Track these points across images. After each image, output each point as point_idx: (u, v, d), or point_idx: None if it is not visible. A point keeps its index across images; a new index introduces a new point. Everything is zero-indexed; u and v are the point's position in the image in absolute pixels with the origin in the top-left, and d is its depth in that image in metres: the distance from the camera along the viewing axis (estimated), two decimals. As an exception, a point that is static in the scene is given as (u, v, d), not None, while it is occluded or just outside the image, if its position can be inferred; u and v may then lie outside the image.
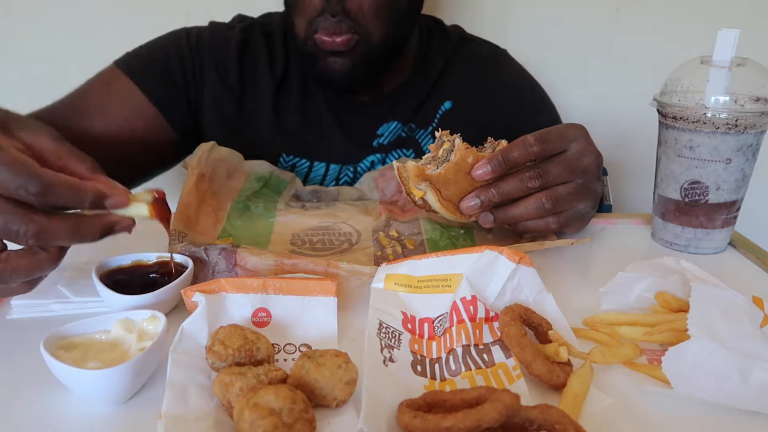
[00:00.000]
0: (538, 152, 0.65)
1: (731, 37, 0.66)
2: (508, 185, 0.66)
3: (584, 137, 0.68)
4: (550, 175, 0.66)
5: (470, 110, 1.01)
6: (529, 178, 0.66)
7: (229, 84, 0.98)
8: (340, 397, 0.43)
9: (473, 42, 1.07)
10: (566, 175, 0.67)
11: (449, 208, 0.69)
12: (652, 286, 0.57)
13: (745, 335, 0.46)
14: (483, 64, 1.04)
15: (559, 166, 0.66)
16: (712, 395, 0.44)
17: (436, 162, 0.68)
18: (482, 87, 1.02)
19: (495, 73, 1.04)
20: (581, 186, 0.68)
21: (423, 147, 0.99)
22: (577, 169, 0.67)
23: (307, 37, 0.88)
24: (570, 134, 0.68)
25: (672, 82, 0.72)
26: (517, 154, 0.65)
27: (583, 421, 0.42)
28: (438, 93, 1.01)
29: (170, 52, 0.98)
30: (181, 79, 0.97)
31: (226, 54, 0.98)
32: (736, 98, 0.68)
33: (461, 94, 1.01)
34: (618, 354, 0.49)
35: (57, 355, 0.44)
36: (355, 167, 0.99)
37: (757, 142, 0.69)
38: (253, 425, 0.37)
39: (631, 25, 1.26)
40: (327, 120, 0.99)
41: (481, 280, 0.56)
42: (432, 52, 1.02)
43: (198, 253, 0.62)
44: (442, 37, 1.04)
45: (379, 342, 0.50)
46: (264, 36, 1.00)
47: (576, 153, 0.67)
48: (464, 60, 1.04)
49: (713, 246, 0.74)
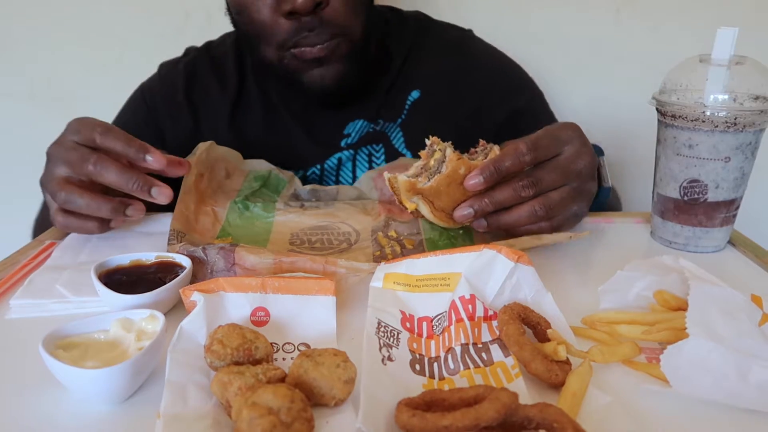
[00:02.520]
0: (530, 161, 0.65)
1: (730, 36, 0.66)
2: (502, 194, 0.66)
3: (578, 139, 0.67)
4: (543, 182, 0.66)
5: (440, 97, 0.99)
6: (522, 188, 0.65)
7: (182, 120, 1.00)
8: (339, 396, 0.43)
9: (436, 27, 1.05)
10: (560, 180, 0.66)
11: (442, 218, 0.70)
12: (651, 284, 0.57)
13: (744, 333, 0.46)
14: (449, 48, 1.02)
15: (552, 173, 0.66)
16: (710, 394, 0.44)
17: (427, 173, 0.67)
18: (451, 72, 1.01)
19: (463, 57, 1.02)
20: (575, 189, 0.68)
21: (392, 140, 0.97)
22: (571, 173, 0.67)
23: (282, 57, 0.87)
24: (563, 137, 0.67)
25: (671, 81, 0.72)
26: (510, 163, 0.64)
27: (582, 419, 0.42)
28: (403, 83, 0.99)
29: (139, 121, 1.01)
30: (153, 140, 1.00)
31: (175, 94, 1.01)
32: (735, 96, 0.68)
33: (429, 81, 1.00)
34: (617, 353, 0.49)
35: (56, 354, 0.45)
36: (322, 165, 0.99)
37: (756, 140, 0.69)
38: (251, 424, 0.37)
39: (631, 25, 1.26)
40: (292, 128, 0.99)
41: (480, 278, 0.56)
42: (391, 43, 1.00)
43: (196, 253, 0.62)
44: (400, 26, 1.03)
45: (378, 341, 0.50)
46: (211, 61, 1.03)
47: (570, 156, 0.66)
48: (429, 46, 1.01)
49: (712, 244, 0.74)
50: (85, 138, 0.68)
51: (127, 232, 0.77)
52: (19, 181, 1.18)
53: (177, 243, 0.64)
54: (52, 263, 0.68)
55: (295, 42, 0.84)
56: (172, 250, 0.63)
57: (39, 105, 1.36)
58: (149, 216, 0.80)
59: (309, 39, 0.83)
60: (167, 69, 1.05)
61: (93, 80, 1.34)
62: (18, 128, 1.38)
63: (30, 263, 0.70)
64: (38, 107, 1.36)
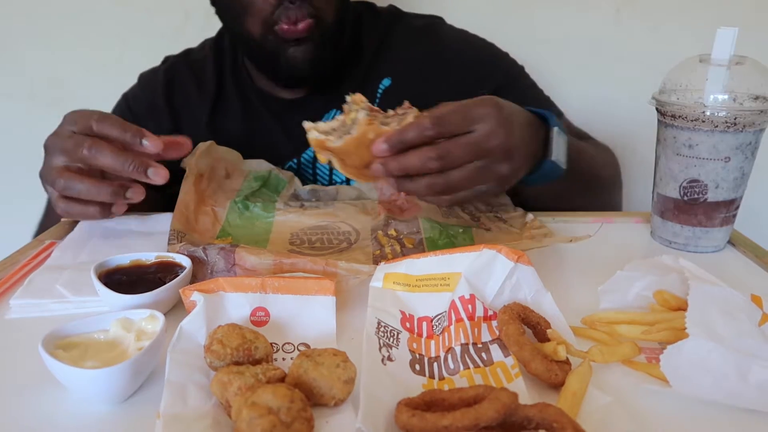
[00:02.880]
0: (434, 135, 0.62)
1: (730, 36, 0.66)
2: (409, 161, 0.63)
3: (493, 117, 0.64)
4: (451, 157, 0.63)
5: (411, 84, 1.00)
6: (428, 159, 0.62)
7: (163, 125, 1.01)
8: (339, 396, 0.43)
9: (408, 16, 1.07)
10: (468, 157, 0.63)
11: (353, 173, 0.68)
12: (651, 284, 0.57)
13: (744, 333, 0.46)
14: (419, 34, 1.03)
15: (461, 149, 0.63)
16: (710, 394, 0.44)
17: (341, 131, 0.66)
18: (421, 58, 1.01)
19: (432, 42, 1.03)
20: (481, 168, 0.64)
21: None
22: (480, 151, 0.63)
23: (266, 32, 0.89)
24: (476, 114, 0.64)
25: (671, 81, 0.72)
26: (413, 135, 0.62)
27: (582, 419, 0.42)
28: (375, 72, 1.01)
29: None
30: None
31: (155, 99, 1.04)
32: (735, 96, 0.68)
33: (399, 68, 1.01)
34: (616, 353, 0.49)
35: (55, 354, 0.45)
36: (298, 159, 1.01)
37: (756, 140, 0.69)
38: (251, 424, 0.37)
39: (631, 25, 1.26)
40: (271, 126, 1.01)
41: (480, 278, 0.56)
42: (363, 35, 1.03)
43: (197, 253, 0.62)
44: (372, 19, 1.05)
45: (378, 341, 0.50)
46: (189, 66, 1.06)
47: (482, 135, 0.63)
48: (398, 35, 1.03)
49: (712, 244, 0.74)
50: (81, 126, 0.70)
51: (127, 232, 0.77)
52: (19, 181, 1.18)
53: (177, 243, 0.64)
54: (52, 263, 0.68)
55: (279, 15, 0.87)
56: (173, 250, 0.63)
57: (39, 105, 1.36)
58: (149, 216, 0.80)
59: (291, 13, 0.86)
60: (147, 77, 1.08)
61: (93, 80, 1.34)
62: (18, 128, 1.38)
63: (30, 263, 0.70)
64: (38, 107, 1.36)
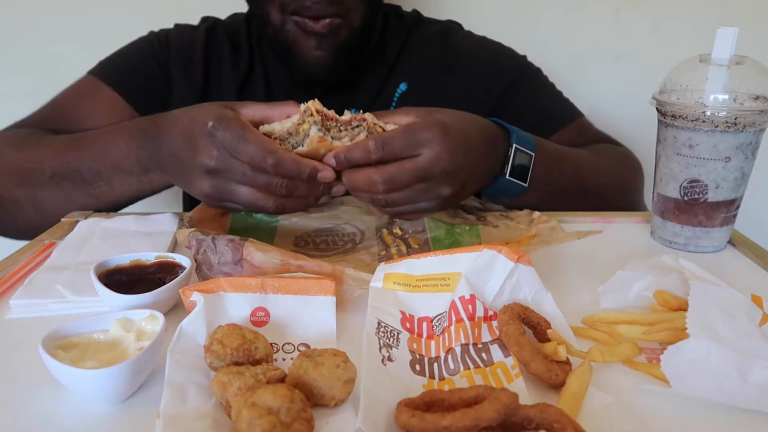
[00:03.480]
0: (378, 159, 0.65)
1: (730, 36, 0.66)
2: (356, 181, 0.66)
3: (438, 142, 0.65)
4: (394, 183, 0.65)
5: (428, 88, 1.00)
6: (374, 182, 0.65)
7: (193, 81, 1.00)
8: (339, 397, 0.43)
9: (427, 22, 1.07)
10: (412, 182, 0.66)
11: None
12: (651, 284, 0.57)
13: (744, 333, 0.46)
14: (433, 40, 1.04)
15: (405, 175, 0.65)
16: (711, 394, 0.44)
17: (291, 140, 0.66)
18: (435, 62, 1.02)
19: (448, 46, 1.04)
20: (422, 191, 0.67)
21: None
22: (423, 176, 0.65)
23: (284, 21, 0.87)
24: (421, 139, 0.65)
25: (671, 81, 0.72)
26: (358, 156, 0.65)
27: (582, 419, 0.42)
28: (394, 77, 1.01)
29: (145, 58, 1.00)
30: (159, 83, 0.99)
31: (192, 53, 1.00)
32: (735, 96, 0.68)
33: (415, 73, 1.01)
34: (617, 353, 0.49)
35: (55, 354, 0.44)
36: None
37: (757, 140, 0.69)
38: (251, 424, 0.37)
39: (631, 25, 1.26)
40: None
41: (480, 278, 0.56)
42: (388, 38, 1.02)
43: (205, 243, 0.61)
44: (397, 22, 1.05)
45: (378, 341, 0.50)
46: (228, 35, 1.03)
47: (426, 160, 0.65)
48: (417, 40, 1.03)
49: (712, 244, 0.74)
50: (248, 158, 0.63)
51: (127, 232, 0.77)
52: (19, 181, 1.18)
53: (187, 228, 0.63)
54: (51, 263, 0.68)
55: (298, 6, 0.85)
56: (182, 234, 0.62)
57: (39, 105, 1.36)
58: (149, 216, 0.80)
59: (311, 10, 0.85)
60: (186, 28, 1.05)
61: (93, 80, 1.33)
62: (18, 128, 1.38)
63: (30, 263, 0.70)
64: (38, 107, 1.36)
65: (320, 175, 0.64)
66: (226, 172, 0.64)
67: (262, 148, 0.62)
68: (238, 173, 0.64)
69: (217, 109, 0.66)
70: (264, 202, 0.66)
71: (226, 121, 0.63)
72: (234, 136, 0.62)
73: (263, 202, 0.66)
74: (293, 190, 0.65)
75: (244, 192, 0.65)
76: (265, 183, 0.64)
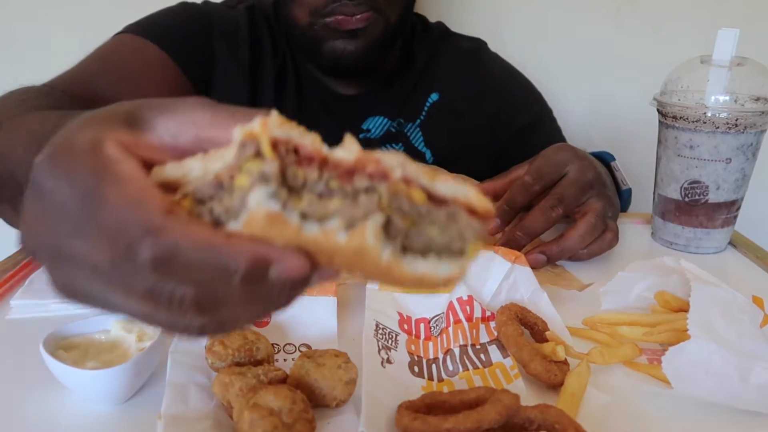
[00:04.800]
0: (539, 190, 0.66)
1: (731, 37, 0.66)
2: (534, 223, 0.65)
3: (575, 157, 0.68)
4: (567, 198, 0.66)
5: (457, 102, 1.01)
6: (551, 208, 0.65)
7: (240, 60, 0.93)
8: (340, 397, 0.43)
9: (456, 36, 1.08)
10: (580, 194, 0.67)
11: None
12: (652, 285, 0.57)
13: (745, 335, 0.46)
14: (467, 56, 1.05)
15: (570, 189, 0.66)
16: (712, 395, 0.44)
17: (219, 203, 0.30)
18: (468, 79, 1.02)
19: (479, 66, 1.05)
20: (599, 195, 0.68)
21: (411, 140, 0.99)
22: (585, 186, 0.67)
23: (312, 23, 0.84)
24: (561, 159, 0.68)
25: (672, 82, 0.72)
26: (521, 198, 0.66)
27: (581, 420, 0.42)
28: (424, 85, 1.01)
29: (189, 22, 0.92)
30: (205, 52, 0.92)
31: (235, 30, 0.94)
32: (736, 98, 0.68)
33: (447, 85, 1.01)
34: (617, 354, 0.49)
35: (57, 355, 0.44)
36: None
37: (757, 141, 0.69)
38: (252, 425, 0.37)
39: (631, 25, 1.26)
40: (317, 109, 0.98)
41: (477, 279, 0.56)
42: (415, 45, 1.02)
43: None
44: (424, 31, 1.05)
45: (377, 343, 0.50)
46: (266, 20, 0.98)
47: (577, 173, 0.67)
48: (448, 53, 1.04)
49: (713, 246, 0.74)
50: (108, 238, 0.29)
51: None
52: (19, 181, 1.18)
53: None
54: (52, 263, 0.68)
55: (332, 9, 0.82)
56: None
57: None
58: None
59: (347, 8, 0.81)
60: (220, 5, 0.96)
61: (93, 80, 1.33)
62: (18, 128, 1.38)
63: (30, 263, 0.69)
64: (38, 107, 1.36)
65: (278, 269, 0.28)
66: (65, 258, 0.30)
67: (135, 218, 0.28)
68: (83, 263, 0.29)
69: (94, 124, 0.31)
70: (162, 318, 0.30)
71: (72, 156, 0.30)
72: (80, 194, 0.29)
73: (159, 319, 0.30)
74: (217, 300, 0.29)
75: (114, 299, 0.30)
76: (145, 289, 0.29)
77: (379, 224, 0.27)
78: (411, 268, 0.28)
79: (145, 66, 0.83)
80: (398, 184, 0.29)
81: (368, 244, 0.27)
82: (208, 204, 0.29)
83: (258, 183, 0.28)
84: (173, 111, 0.32)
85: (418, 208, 0.29)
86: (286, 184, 0.28)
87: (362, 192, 0.28)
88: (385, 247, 0.28)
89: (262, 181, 0.28)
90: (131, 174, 0.29)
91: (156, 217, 0.28)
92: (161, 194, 0.29)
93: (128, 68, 0.82)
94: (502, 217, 0.66)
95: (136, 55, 0.83)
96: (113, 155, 0.29)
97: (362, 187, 0.28)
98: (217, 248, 0.27)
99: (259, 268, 0.28)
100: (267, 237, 0.28)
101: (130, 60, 0.83)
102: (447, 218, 0.29)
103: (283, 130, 0.29)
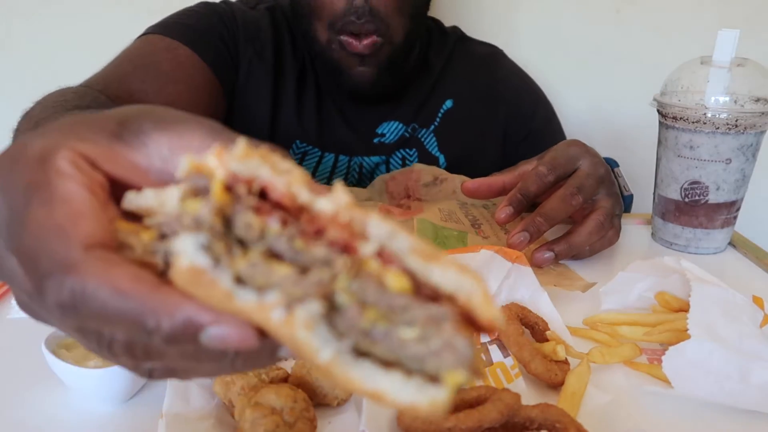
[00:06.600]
0: (554, 180, 0.66)
1: (731, 38, 0.67)
2: (555, 209, 0.65)
3: (587, 152, 0.69)
4: (585, 188, 0.66)
5: (471, 109, 1.02)
6: (571, 196, 0.65)
7: (265, 61, 0.93)
8: (341, 396, 0.44)
9: (471, 41, 1.08)
10: (596, 186, 0.67)
11: None
12: (653, 285, 0.57)
13: (745, 335, 0.46)
14: (482, 62, 1.05)
15: (587, 180, 0.67)
16: (712, 395, 0.44)
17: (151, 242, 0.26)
18: (482, 86, 1.03)
19: (494, 72, 1.05)
20: (613, 194, 0.69)
21: (426, 146, 1.00)
22: (597, 179, 0.68)
23: (330, 40, 0.85)
24: (574, 153, 0.68)
25: (672, 82, 0.73)
26: (535, 187, 0.66)
27: (582, 419, 0.42)
28: (438, 92, 1.02)
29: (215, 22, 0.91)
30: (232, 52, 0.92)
31: (258, 31, 0.94)
32: (736, 98, 0.68)
33: (461, 92, 1.02)
34: (617, 354, 0.49)
35: (58, 353, 0.44)
36: (360, 164, 0.99)
37: (757, 142, 0.69)
38: (254, 424, 0.37)
39: (631, 25, 1.26)
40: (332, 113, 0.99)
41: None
42: (431, 51, 1.03)
43: None
44: (441, 36, 1.05)
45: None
46: (286, 21, 0.98)
47: (590, 167, 0.68)
48: (463, 59, 1.04)
49: (713, 246, 0.74)
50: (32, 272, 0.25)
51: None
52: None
53: None
54: (53, 262, 0.68)
55: (343, 25, 0.82)
56: None
57: (39, 104, 1.36)
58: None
59: (354, 27, 0.82)
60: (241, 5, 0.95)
61: (93, 79, 1.33)
62: (18, 127, 1.38)
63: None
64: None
65: (208, 336, 0.23)
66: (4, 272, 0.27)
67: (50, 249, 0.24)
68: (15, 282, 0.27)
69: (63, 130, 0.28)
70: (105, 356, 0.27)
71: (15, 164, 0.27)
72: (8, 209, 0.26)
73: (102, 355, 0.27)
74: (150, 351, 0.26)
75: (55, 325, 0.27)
76: (71, 326, 0.26)
77: (313, 314, 0.21)
78: (363, 378, 0.21)
79: (178, 65, 0.82)
80: (367, 261, 0.22)
81: (298, 336, 0.21)
82: (168, 242, 0.24)
83: (189, 229, 0.23)
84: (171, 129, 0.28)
85: (391, 298, 0.21)
86: (231, 235, 0.23)
87: (318, 264, 0.22)
88: (326, 343, 0.21)
89: (193, 228, 0.23)
90: (69, 195, 0.25)
91: (73, 252, 0.24)
92: (100, 224, 0.25)
93: (161, 68, 0.81)
94: (515, 206, 0.66)
95: (168, 55, 0.83)
96: (60, 169, 0.25)
97: (319, 257, 0.22)
98: (135, 300, 0.23)
99: (185, 332, 0.23)
100: (196, 295, 0.23)
101: (163, 60, 0.82)
102: (427, 321, 0.21)
103: (249, 164, 0.23)
